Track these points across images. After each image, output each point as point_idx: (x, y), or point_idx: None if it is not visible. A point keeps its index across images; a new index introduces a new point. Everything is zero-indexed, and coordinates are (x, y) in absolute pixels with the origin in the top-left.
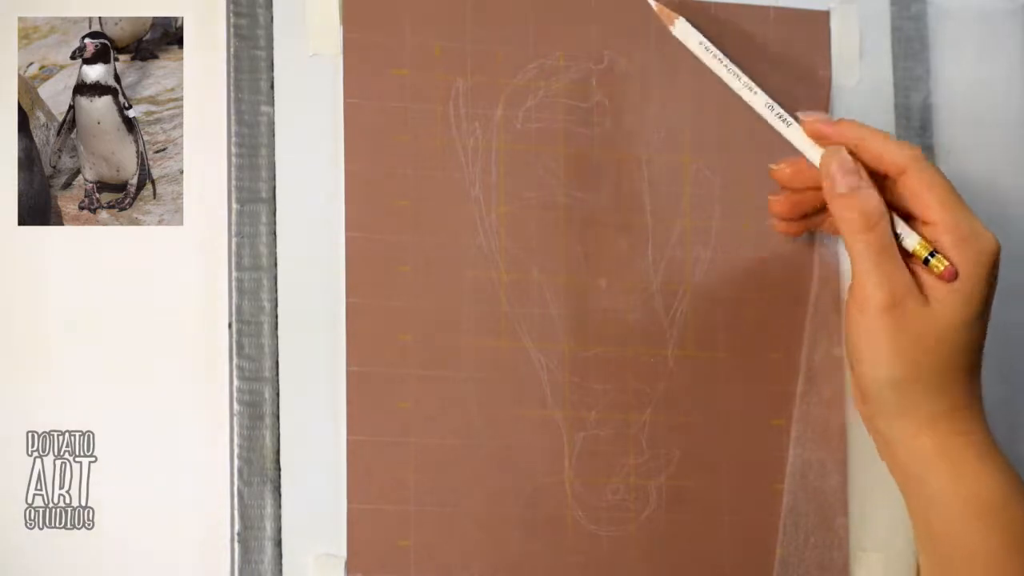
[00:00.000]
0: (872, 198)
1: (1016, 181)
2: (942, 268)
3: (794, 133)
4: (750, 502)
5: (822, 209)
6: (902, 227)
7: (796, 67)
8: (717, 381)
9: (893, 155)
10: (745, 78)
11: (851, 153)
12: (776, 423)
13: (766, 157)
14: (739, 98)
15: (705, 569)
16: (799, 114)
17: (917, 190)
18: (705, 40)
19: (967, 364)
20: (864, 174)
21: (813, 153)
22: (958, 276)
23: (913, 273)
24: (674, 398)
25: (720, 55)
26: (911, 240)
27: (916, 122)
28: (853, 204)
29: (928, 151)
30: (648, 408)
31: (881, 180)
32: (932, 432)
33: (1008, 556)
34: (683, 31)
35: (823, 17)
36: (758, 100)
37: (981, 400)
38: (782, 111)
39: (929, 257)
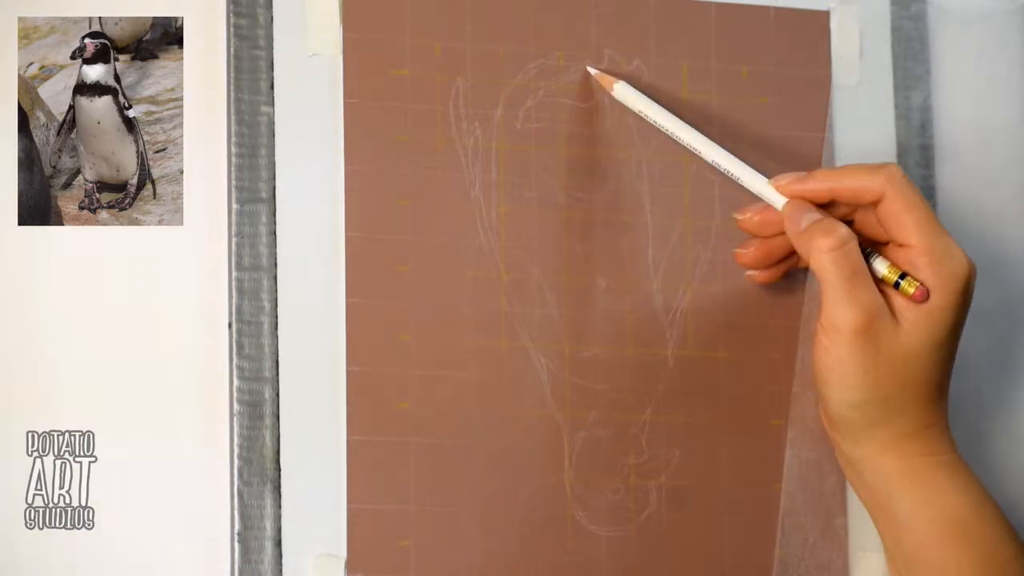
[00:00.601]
0: (837, 223)
1: (1016, 181)
2: (913, 290)
3: (750, 183)
4: (750, 502)
5: (792, 253)
6: (871, 254)
7: (796, 67)
8: (717, 381)
9: (869, 183)
10: (689, 138)
11: (831, 201)
12: (776, 423)
13: (766, 157)
14: (738, 99)
15: (705, 569)
16: (772, 180)
17: (894, 213)
18: (647, 105)
19: (934, 385)
20: (824, 213)
21: (774, 199)
22: (929, 296)
23: (884, 297)
24: (674, 398)
25: (662, 117)
26: (880, 266)
27: (916, 122)
28: (819, 229)
29: (928, 151)
30: (648, 408)
31: (858, 212)
32: (897, 453)
33: (981, 575)
34: (622, 94)
35: (823, 17)
36: (706, 157)
37: (947, 419)
38: (732, 164)
39: (899, 280)
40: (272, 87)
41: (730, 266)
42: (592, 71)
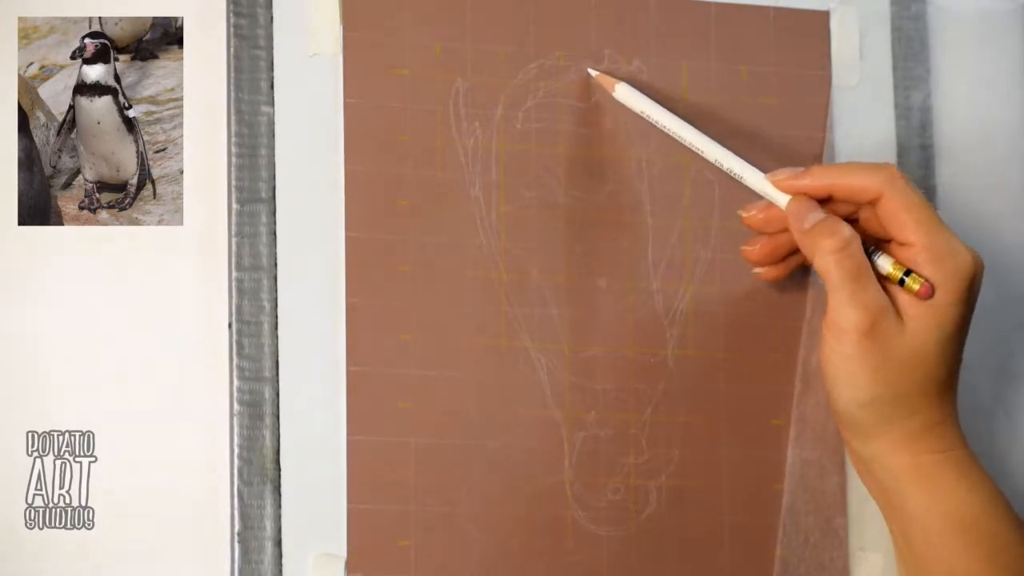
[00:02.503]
0: (841, 223)
1: (1016, 181)
2: (917, 287)
3: (753, 181)
4: (750, 502)
5: (798, 250)
6: (875, 251)
7: (796, 67)
8: (717, 381)
9: (867, 182)
10: (691, 137)
11: (829, 197)
12: (776, 423)
13: (766, 157)
14: (738, 99)
15: (705, 569)
16: (768, 175)
17: (893, 212)
18: (649, 105)
19: (942, 381)
20: (828, 212)
21: (776, 197)
22: (934, 293)
23: (889, 295)
24: (674, 398)
25: (664, 117)
26: (884, 263)
27: (916, 122)
28: (823, 230)
29: (928, 151)
30: (648, 408)
31: (861, 210)
32: (908, 451)
33: (991, 571)
34: (624, 95)
35: (823, 17)
36: (708, 156)
37: (956, 415)
38: (735, 163)
39: (904, 277)
40: (272, 87)
41: (730, 266)
42: (592, 73)
